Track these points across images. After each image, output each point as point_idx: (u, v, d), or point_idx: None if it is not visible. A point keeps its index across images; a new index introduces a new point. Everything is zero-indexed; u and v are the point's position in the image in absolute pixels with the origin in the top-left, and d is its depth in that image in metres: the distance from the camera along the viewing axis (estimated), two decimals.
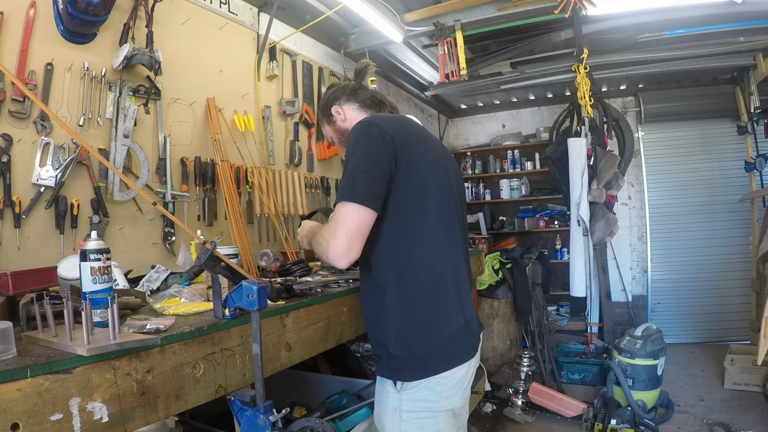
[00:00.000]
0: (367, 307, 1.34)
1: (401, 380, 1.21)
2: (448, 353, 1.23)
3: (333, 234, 1.12)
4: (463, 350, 1.27)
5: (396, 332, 1.22)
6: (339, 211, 1.14)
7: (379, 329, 1.27)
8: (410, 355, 1.20)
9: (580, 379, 3.80)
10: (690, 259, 4.96)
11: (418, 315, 1.22)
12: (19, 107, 1.72)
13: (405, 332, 1.21)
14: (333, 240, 1.12)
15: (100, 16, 1.86)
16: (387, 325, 1.24)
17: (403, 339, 1.21)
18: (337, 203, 1.15)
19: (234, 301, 1.14)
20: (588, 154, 3.94)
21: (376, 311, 1.28)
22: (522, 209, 5.51)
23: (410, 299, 1.22)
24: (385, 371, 1.25)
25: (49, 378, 0.83)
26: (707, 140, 4.92)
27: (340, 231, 1.12)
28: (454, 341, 1.24)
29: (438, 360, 1.21)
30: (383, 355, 1.25)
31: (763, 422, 2.96)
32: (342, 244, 1.11)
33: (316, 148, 3.46)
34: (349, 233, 1.12)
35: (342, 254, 1.12)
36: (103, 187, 1.97)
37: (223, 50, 2.68)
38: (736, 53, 3.91)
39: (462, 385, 1.27)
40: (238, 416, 1.19)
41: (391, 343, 1.22)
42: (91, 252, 1.04)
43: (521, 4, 3.16)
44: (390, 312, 1.23)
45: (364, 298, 1.35)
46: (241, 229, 2.45)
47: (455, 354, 1.25)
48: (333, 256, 1.13)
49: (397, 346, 1.21)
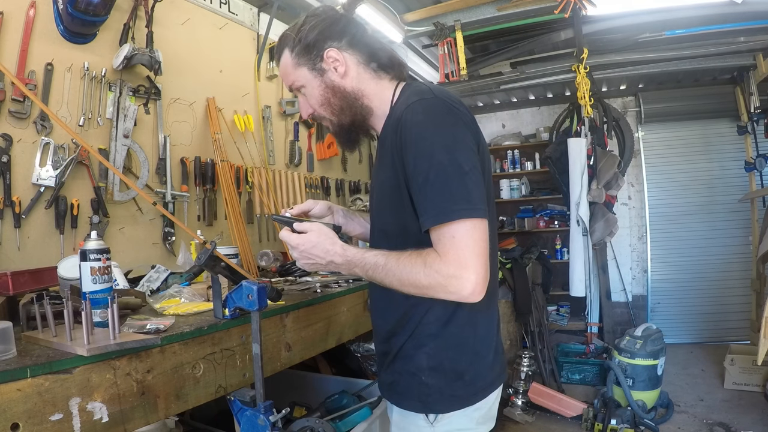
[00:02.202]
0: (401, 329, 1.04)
1: (436, 412, 0.99)
2: (490, 379, 1.05)
3: (464, 263, 0.84)
4: (501, 371, 1.09)
5: (433, 358, 0.99)
6: (461, 233, 0.85)
7: (410, 355, 1.02)
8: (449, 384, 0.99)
9: (580, 379, 3.80)
10: (690, 259, 4.95)
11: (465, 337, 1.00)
12: (19, 107, 1.72)
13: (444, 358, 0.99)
14: (466, 270, 0.84)
15: (100, 16, 1.86)
16: (421, 347, 1.00)
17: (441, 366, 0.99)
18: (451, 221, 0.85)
19: (234, 301, 1.14)
20: (588, 154, 3.94)
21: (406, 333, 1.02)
22: (522, 209, 5.50)
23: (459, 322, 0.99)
24: (414, 404, 1.01)
25: (49, 378, 0.83)
26: (707, 140, 4.92)
27: (474, 256, 0.84)
28: (495, 364, 1.06)
29: (480, 387, 1.02)
30: (413, 384, 1.01)
31: (763, 422, 2.96)
32: (481, 271, 0.85)
33: (316, 148, 3.46)
34: (482, 255, 0.86)
35: (483, 285, 0.86)
36: (103, 187, 1.97)
37: (223, 50, 2.68)
38: (736, 53, 3.90)
39: (496, 405, 1.10)
40: (238, 416, 1.19)
41: (423, 370, 1.00)
42: (91, 252, 1.04)
43: (521, 4, 3.16)
44: (428, 334, 1.00)
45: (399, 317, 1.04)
46: (241, 229, 2.45)
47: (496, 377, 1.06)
48: (472, 291, 0.85)
49: (431, 374, 0.99)
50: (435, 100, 0.92)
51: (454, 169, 0.86)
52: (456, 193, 0.85)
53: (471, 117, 0.96)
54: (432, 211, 0.87)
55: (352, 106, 1.05)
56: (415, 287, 0.89)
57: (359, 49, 1.05)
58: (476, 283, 0.84)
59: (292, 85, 1.08)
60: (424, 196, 0.88)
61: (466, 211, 0.85)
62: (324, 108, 1.07)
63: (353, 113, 1.06)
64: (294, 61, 1.05)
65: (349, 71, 1.04)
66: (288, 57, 1.05)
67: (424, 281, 0.87)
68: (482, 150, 0.96)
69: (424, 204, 0.88)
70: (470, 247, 0.84)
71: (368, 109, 1.06)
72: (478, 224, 0.86)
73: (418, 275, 0.87)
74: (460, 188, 0.86)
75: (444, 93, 0.96)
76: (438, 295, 0.88)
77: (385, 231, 1.05)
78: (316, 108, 1.08)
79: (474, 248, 0.85)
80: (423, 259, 0.88)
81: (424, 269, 0.87)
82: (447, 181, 0.86)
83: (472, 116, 0.96)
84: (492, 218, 0.98)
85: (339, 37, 1.03)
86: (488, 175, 1.00)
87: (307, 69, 1.04)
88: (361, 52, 1.05)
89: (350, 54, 1.04)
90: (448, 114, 0.91)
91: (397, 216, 0.98)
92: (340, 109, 1.06)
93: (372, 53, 1.06)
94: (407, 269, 0.89)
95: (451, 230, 0.85)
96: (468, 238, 0.85)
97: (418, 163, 0.88)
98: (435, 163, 0.86)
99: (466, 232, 0.85)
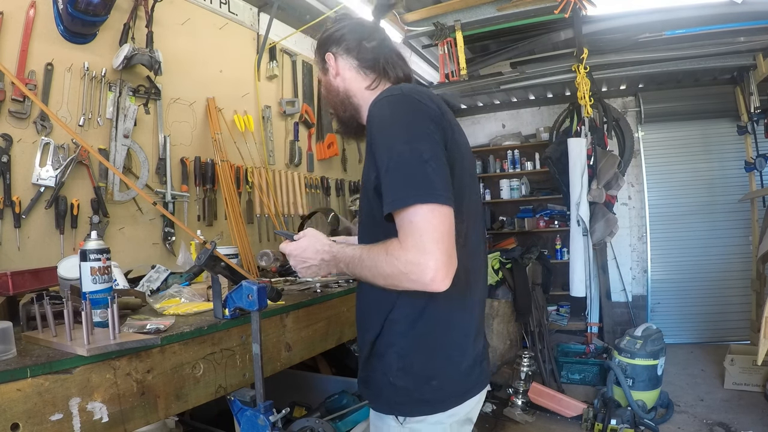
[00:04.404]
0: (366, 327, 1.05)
1: (403, 415, 0.98)
2: (466, 387, 1.01)
3: (422, 248, 0.82)
4: (480, 379, 1.05)
5: (402, 358, 0.98)
6: (419, 217, 0.83)
7: (382, 353, 1.01)
8: (417, 387, 0.97)
9: (580, 379, 3.80)
10: (690, 259, 4.95)
11: (435, 339, 0.98)
12: (19, 107, 1.72)
13: (414, 359, 0.97)
14: (425, 255, 0.81)
15: (100, 16, 1.86)
16: (391, 346, 0.99)
17: (410, 368, 0.97)
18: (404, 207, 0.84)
19: (234, 301, 1.14)
20: (588, 154, 3.94)
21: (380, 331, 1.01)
22: (522, 209, 5.51)
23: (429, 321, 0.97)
24: (382, 405, 1.01)
25: (49, 378, 0.83)
26: (707, 140, 4.92)
27: (432, 241, 0.82)
28: (472, 372, 1.02)
29: (451, 394, 0.99)
30: (383, 384, 1.00)
31: (763, 422, 2.96)
32: (442, 257, 0.82)
33: (316, 148, 3.46)
34: (443, 241, 0.83)
35: (446, 272, 0.82)
36: (103, 187, 1.97)
37: (223, 50, 2.68)
38: (736, 53, 3.90)
39: (475, 412, 1.07)
40: (238, 416, 1.19)
41: (392, 371, 0.98)
42: (91, 252, 1.04)
43: (521, 4, 3.16)
44: (397, 332, 0.99)
45: (370, 312, 1.05)
46: (241, 229, 2.45)
47: (473, 386, 1.03)
48: (433, 277, 0.82)
49: (399, 374, 0.97)
50: (401, 96, 0.95)
51: (413, 156, 0.87)
52: (414, 180, 0.85)
53: (440, 113, 0.96)
54: (390, 197, 0.87)
55: (344, 102, 1.17)
56: (382, 277, 0.89)
57: (353, 55, 1.15)
58: (436, 269, 0.82)
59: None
60: (386, 184, 0.89)
61: (424, 196, 0.84)
62: (327, 101, 1.22)
63: (345, 109, 1.18)
64: (315, 59, 1.22)
65: (342, 73, 1.15)
66: (315, 54, 1.22)
67: (387, 270, 0.87)
68: (454, 145, 0.96)
69: (385, 191, 0.89)
70: (429, 232, 0.83)
71: (358, 107, 1.16)
72: (438, 209, 0.83)
73: (382, 264, 0.87)
74: (418, 175, 0.86)
75: (415, 90, 0.98)
76: (402, 284, 0.86)
77: (364, 223, 1.10)
78: (326, 101, 1.22)
79: (433, 233, 0.82)
80: (385, 248, 0.88)
81: (386, 257, 0.87)
82: (405, 168, 0.87)
83: (442, 112, 0.97)
84: (472, 213, 1.01)
85: (338, 43, 1.16)
86: (464, 171, 1.00)
87: (319, 68, 1.21)
88: (355, 58, 1.15)
89: (344, 59, 1.15)
90: (411, 107, 0.93)
91: (371, 207, 1.00)
92: (335, 104, 1.19)
93: (364, 59, 1.14)
94: (374, 260, 0.90)
95: (409, 215, 0.84)
96: (426, 222, 0.83)
97: (381, 154, 0.91)
98: (395, 153, 0.88)
99: (424, 216, 0.83)
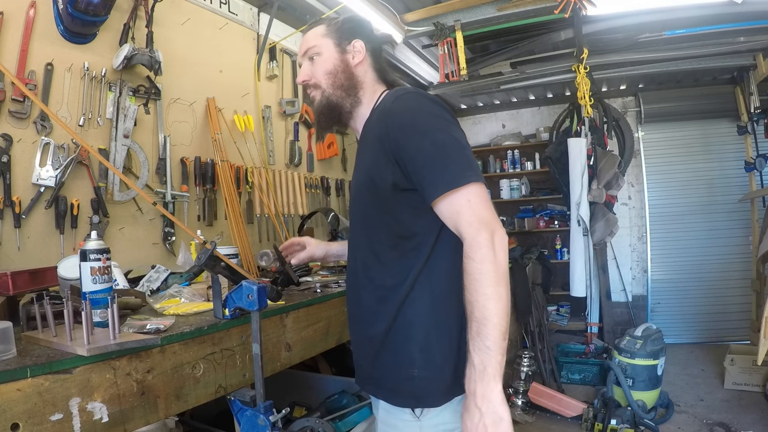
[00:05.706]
0: (372, 322, 1.04)
1: (427, 406, 0.98)
2: None
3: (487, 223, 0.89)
4: None
5: (424, 350, 0.98)
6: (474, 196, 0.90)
7: (397, 347, 1.01)
8: (441, 375, 0.98)
9: (580, 379, 3.80)
10: (690, 259, 4.95)
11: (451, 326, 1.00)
12: (19, 107, 1.72)
13: (434, 348, 0.98)
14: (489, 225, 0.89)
15: (100, 16, 1.86)
16: (410, 341, 0.99)
17: (433, 357, 0.98)
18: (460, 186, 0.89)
19: (234, 301, 1.14)
20: (588, 154, 3.94)
21: (393, 325, 1.01)
22: (522, 209, 5.51)
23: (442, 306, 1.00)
24: (404, 399, 1.00)
25: (49, 378, 0.83)
26: (707, 140, 4.92)
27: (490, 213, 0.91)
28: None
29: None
30: (400, 379, 1.00)
31: (763, 422, 2.96)
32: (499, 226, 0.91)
33: (316, 148, 3.46)
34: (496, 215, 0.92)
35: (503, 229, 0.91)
36: (103, 187, 1.97)
37: (223, 50, 2.68)
38: (736, 53, 3.91)
39: None
40: (238, 416, 1.19)
41: (417, 364, 0.98)
42: (91, 252, 1.04)
43: (521, 4, 3.16)
44: (417, 325, 0.99)
45: (373, 311, 1.04)
46: (241, 229, 2.45)
47: None
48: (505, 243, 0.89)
49: (424, 366, 0.98)
50: (419, 93, 1.03)
51: (453, 143, 0.93)
52: (462, 162, 0.92)
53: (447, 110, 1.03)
54: (443, 180, 0.90)
55: (349, 87, 1.14)
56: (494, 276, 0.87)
57: (375, 56, 1.18)
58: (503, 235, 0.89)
59: (310, 50, 1.16)
60: (430, 169, 0.92)
61: (475, 176, 0.90)
62: (327, 77, 1.14)
63: (346, 94, 1.14)
64: (324, 32, 1.16)
65: (363, 64, 1.16)
66: (320, 28, 1.17)
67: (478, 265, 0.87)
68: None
69: (430, 177, 0.92)
70: (486, 207, 0.90)
71: (359, 100, 1.15)
72: (484, 190, 0.92)
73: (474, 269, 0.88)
74: (463, 158, 0.92)
75: (421, 91, 1.06)
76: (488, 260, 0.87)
77: (360, 223, 1.10)
78: (319, 75, 1.15)
79: (489, 207, 0.91)
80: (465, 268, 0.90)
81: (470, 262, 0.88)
82: (450, 153, 0.92)
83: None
84: None
85: (370, 39, 1.18)
86: None
87: (333, 42, 1.15)
88: (375, 60, 1.19)
89: (370, 54, 1.17)
90: (435, 103, 1.01)
91: (375, 203, 1.03)
92: (339, 85, 1.14)
93: (378, 61, 1.19)
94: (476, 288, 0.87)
95: (466, 194, 0.90)
96: (482, 199, 0.91)
97: (418, 143, 0.94)
98: (437, 140, 0.93)
99: (478, 194, 0.90)
